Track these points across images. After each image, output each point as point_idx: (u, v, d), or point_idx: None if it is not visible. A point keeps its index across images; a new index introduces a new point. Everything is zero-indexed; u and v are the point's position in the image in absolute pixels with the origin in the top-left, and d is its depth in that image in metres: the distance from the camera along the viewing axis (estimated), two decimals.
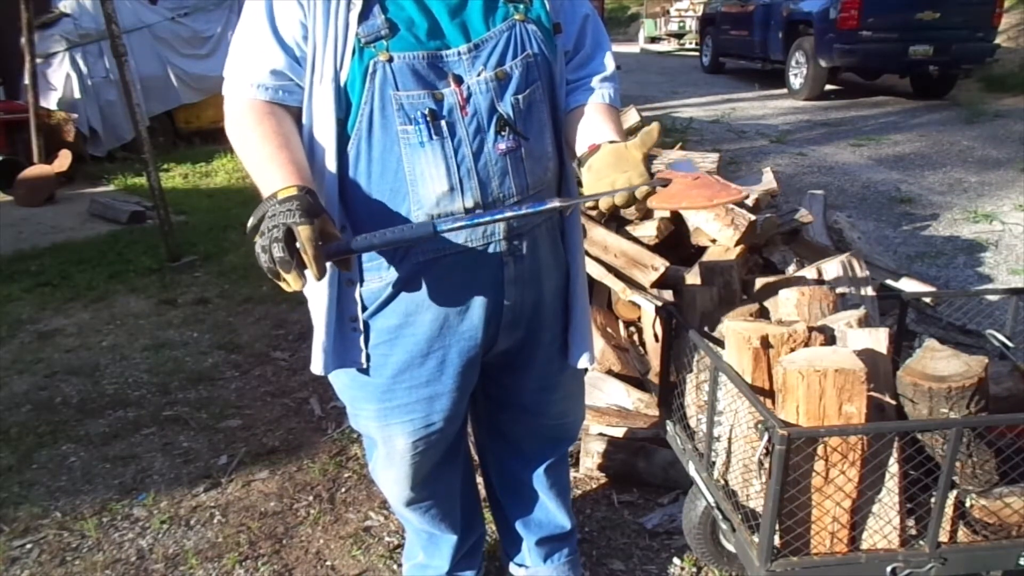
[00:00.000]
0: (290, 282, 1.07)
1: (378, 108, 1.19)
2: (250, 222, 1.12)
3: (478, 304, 1.33)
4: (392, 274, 1.29)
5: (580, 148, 1.30)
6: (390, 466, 1.52)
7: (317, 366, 1.35)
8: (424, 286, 1.30)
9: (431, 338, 1.33)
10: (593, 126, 1.31)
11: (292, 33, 1.19)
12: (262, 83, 1.21)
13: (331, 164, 1.23)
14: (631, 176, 1.18)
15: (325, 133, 1.22)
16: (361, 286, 1.31)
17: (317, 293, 1.30)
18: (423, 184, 1.22)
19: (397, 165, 1.22)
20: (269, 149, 1.18)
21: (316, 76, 1.20)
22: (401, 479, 1.52)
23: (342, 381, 1.43)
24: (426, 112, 1.19)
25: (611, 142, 1.24)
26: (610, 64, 1.40)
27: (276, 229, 1.06)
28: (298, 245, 1.06)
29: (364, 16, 1.18)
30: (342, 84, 1.19)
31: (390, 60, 1.17)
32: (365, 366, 1.36)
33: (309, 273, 1.08)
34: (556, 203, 1.19)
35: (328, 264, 1.14)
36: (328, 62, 1.18)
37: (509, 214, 1.20)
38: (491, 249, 1.29)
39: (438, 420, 1.42)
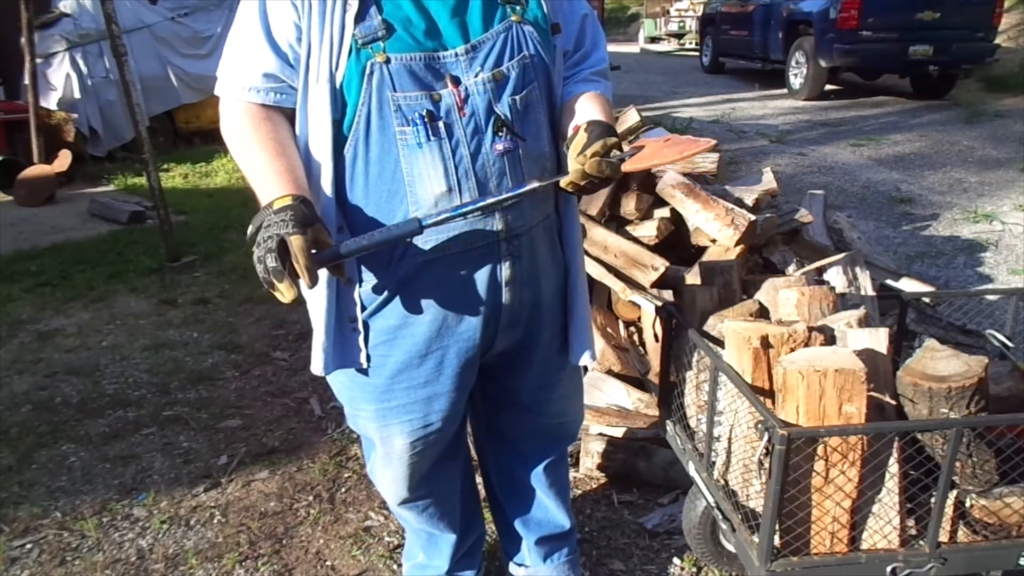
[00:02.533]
0: (283, 291, 1.09)
1: (375, 109, 1.19)
2: (249, 230, 1.14)
3: (476, 305, 1.33)
4: (391, 275, 1.29)
5: (569, 132, 1.32)
6: (388, 466, 1.52)
7: (317, 367, 1.35)
8: (423, 287, 1.30)
9: (430, 339, 1.33)
10: (581, 111, 1.32)
11: (285, 35, 1.19)
12: (254, 86, 1.22)
13: (328, 166, 1.23)
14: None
15: (321, 134, 1.22)
16: (360, 286, 1.31)
17: (316, 294, 1.30)
18: (421, 185, 1.22)
19: (395, 166, 1.22)
20: (265, 156, 1.19)
21: (311, 77, 1.20)
22: (399, 479, 1.53)
23: (341, 381, 1.43)
24: (424, 113, 1.19)
25: (590, 120, 1.26)
26: (605, 60, 1.43)
27: (270, 240, 1.09)
28: (291, 255, 1.08)
29: (361, 16, 1.18)
30: (338, 85, 1.19)
31: (387, 61, 1.17)
32: (366, 366, 1.36)
33: (302, 282, 1.10)
34: (535, 184, 1.23)
35: (323, 270, 1.16)
36: (323, 63, 1.18)
37: (491, 200, 1.21)
38: (489, 250, 1.30)
39: (436, 420, 1.42)
